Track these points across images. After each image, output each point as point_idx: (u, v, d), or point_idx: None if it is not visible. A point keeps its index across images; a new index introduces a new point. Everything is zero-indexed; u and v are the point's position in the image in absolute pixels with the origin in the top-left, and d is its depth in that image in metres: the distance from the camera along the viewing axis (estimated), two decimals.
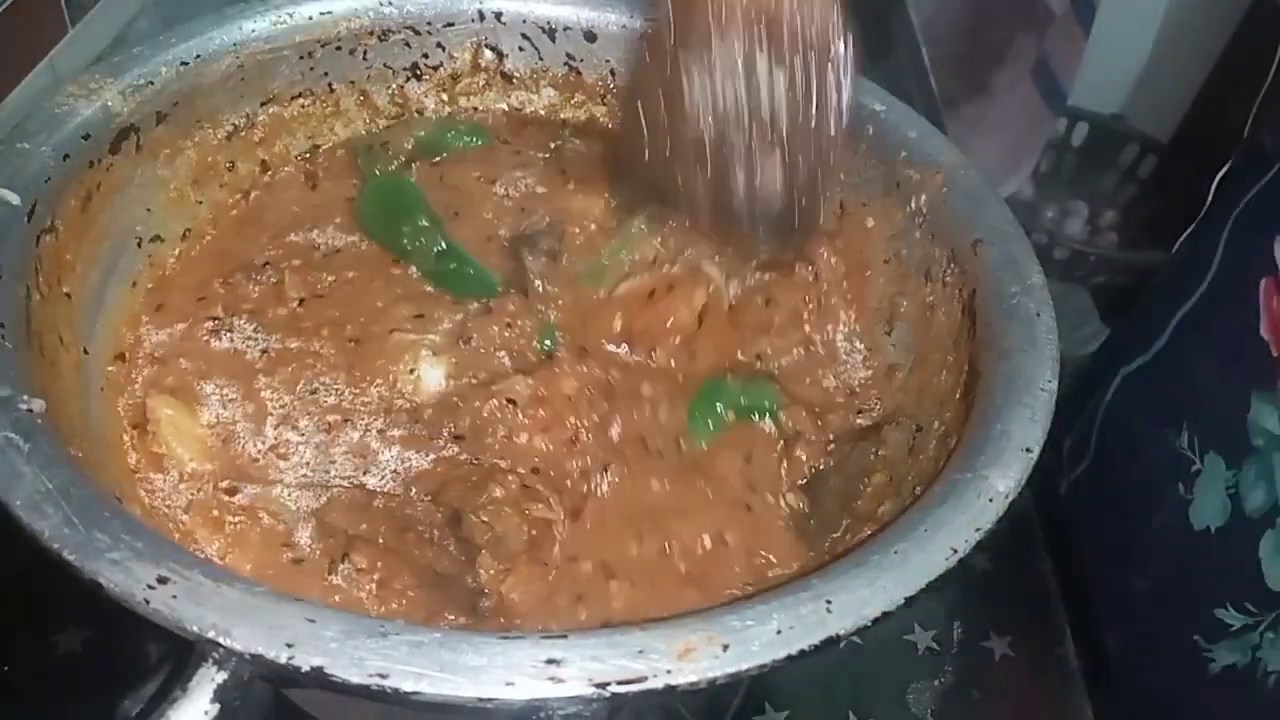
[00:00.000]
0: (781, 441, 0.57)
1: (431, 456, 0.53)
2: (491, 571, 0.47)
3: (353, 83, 0.69)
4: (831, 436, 0.57)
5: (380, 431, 0.53)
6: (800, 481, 0.55)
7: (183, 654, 0.36)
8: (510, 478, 0.50)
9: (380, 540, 0.48)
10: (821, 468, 0.55)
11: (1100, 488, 0.89)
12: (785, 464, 0.56)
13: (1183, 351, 0.82)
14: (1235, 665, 0.70)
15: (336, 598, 0.48)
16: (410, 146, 0.69)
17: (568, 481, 0.52)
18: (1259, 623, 0.68)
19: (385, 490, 0.51)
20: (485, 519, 0.47)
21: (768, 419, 0.57)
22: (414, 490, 0.51)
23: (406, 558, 0.48)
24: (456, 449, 0.53)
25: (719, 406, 0.57)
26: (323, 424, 0.54)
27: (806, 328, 0.62)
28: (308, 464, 0.52)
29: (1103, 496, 0.88)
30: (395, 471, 0.52)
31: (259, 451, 0.53)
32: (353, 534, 0.49)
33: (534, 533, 0.49)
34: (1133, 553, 0.81)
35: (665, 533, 0.51)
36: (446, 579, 0.48)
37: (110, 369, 0.54)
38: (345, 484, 0.51)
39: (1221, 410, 0.73)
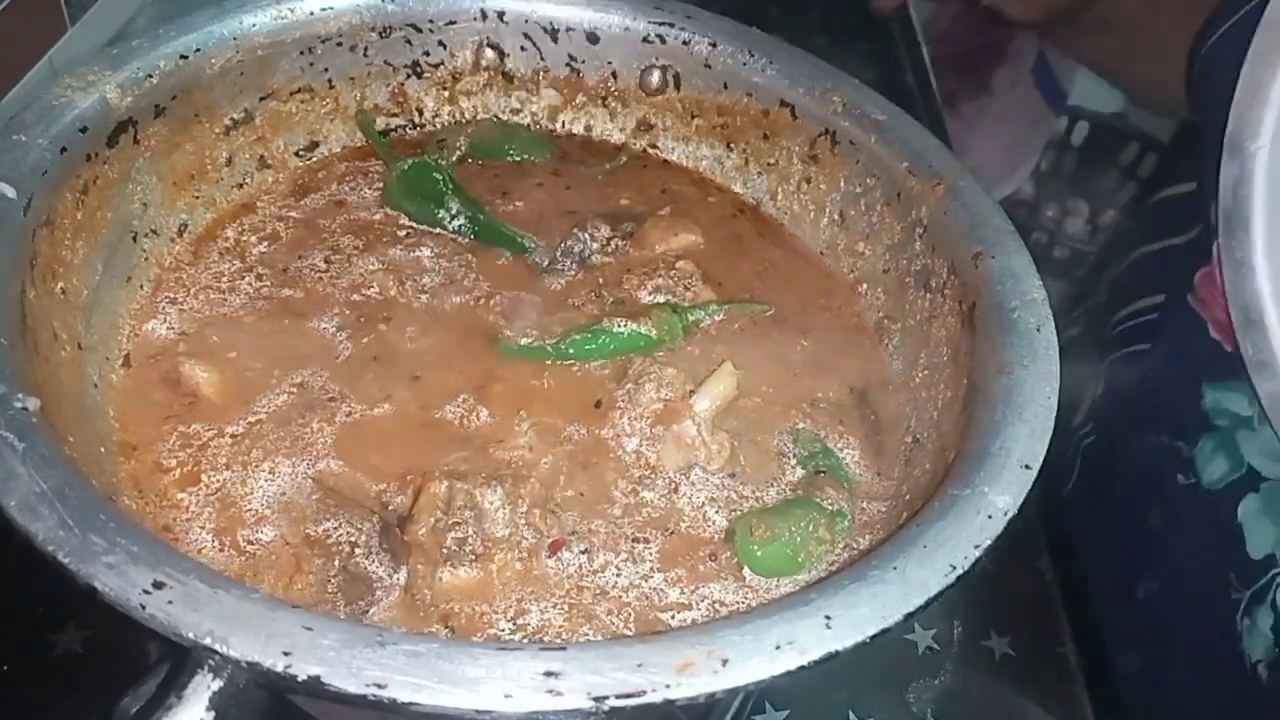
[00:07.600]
0: None
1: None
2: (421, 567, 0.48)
3: (353, 79, 0.68)
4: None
5: None
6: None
7: (179, 659, 0.36)
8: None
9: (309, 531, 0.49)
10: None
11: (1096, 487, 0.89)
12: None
13: None
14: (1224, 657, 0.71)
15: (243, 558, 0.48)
16: (463, 147, 0.70)
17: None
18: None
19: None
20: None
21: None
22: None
23: (325, 550, 0.49)
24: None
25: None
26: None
27: None
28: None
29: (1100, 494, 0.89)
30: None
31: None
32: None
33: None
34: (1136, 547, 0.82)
35: None
36: (356, 579, 0.48)
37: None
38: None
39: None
